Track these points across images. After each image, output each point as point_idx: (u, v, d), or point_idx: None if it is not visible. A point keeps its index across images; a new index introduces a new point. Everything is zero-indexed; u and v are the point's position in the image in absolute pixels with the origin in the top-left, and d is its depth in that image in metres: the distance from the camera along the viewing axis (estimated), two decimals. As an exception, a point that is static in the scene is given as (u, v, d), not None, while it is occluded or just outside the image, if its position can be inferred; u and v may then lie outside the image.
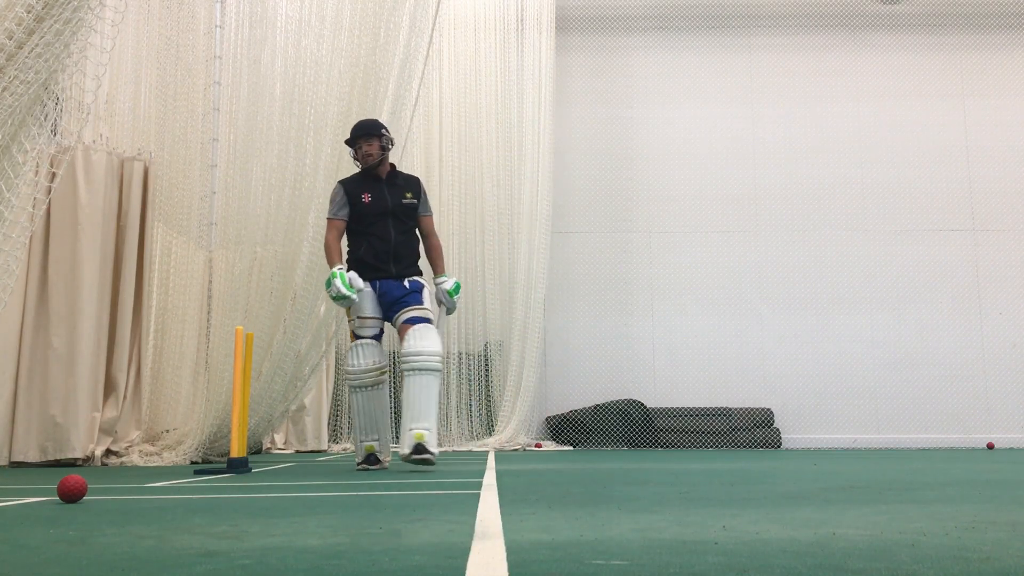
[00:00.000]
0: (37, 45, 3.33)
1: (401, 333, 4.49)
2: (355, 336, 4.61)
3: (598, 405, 8.88)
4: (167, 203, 6.19)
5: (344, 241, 4.81)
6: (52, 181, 4.41)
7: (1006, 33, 9.56)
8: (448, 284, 4.85)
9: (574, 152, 9.50)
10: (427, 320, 4.49)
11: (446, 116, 9.00)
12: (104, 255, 5.78)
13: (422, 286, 4.66)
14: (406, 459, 4.21)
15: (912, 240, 9.37)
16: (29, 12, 3.29)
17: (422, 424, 4.20)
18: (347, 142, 4.84)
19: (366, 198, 4.68)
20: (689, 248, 9.36)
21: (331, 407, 8.33)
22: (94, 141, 5.91)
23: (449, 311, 4.91)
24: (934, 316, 9.21)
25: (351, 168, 6.12)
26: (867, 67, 9.65)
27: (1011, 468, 4.61)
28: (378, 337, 4.63)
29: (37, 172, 4.54)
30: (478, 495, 2.75)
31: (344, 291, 4.42)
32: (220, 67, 6.56)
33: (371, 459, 4.48)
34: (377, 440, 4.48)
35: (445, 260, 5.14)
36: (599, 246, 9.39)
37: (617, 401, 8.88)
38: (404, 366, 4.33)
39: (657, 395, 9.01)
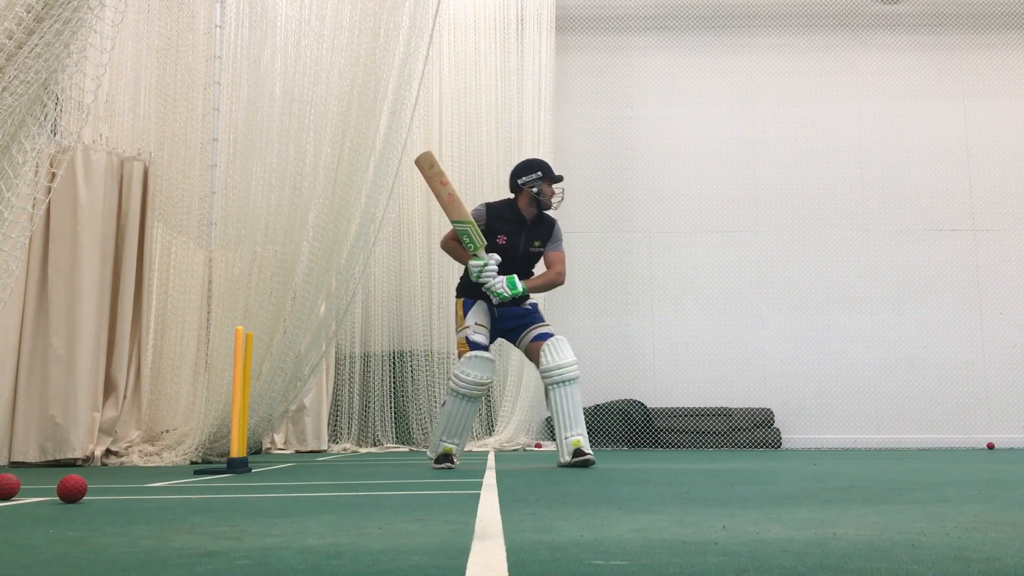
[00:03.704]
0: (37, 45, 3.33)
1: (534, 350, 4.67)
2: (470, 342, 4.60)
3: (598, 405, 8.88)
4: (167, 203, 6.19)
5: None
6: (52, 181, 4.41)
7: (1006, 33, 9.55)
8: (518, 284, 4.54)
9: (574, 152, 9.50)
10: (554, 334, 4.68)
11: (446, 116, 9.00)
12: (104, 255, 5.78)
13: (536, 304, 4.83)
14: (568, 464, 4.46)
15: (912, 240, 9.36)
16: (29, 12, 3.29)
17: (576, 431, 4.49)
18: (534, 177, 4.71)
19: (501, 239, 4.67)
20: (689, 248, 9.35)
21: (331, 407, 8.33)
22: (94, 141, 5.91)
23: (494, 292, 4.56)
24: (934, 316, 9.20)
25: (352, 168, 6.12)
26: (867, 67, 9.65)
27: (1011, 468, 4.61)
28: (488, 348, 4.69)
29: (37, 172, 4.55)
30: (478, 495, 2.75)
31: (507, 292, 4.50)
32: (220, 67, 6.56)
33: (446, 458, 4.59)
34: (457, 444, 4.64)
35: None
36: (599, 246, 9.38)
37: (617, 401, 8.88)
38: (547, 381, 4.57)
39: (657, 395, 9.01)
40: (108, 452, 5.60)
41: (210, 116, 6.48)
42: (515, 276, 4.59)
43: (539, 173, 4.72)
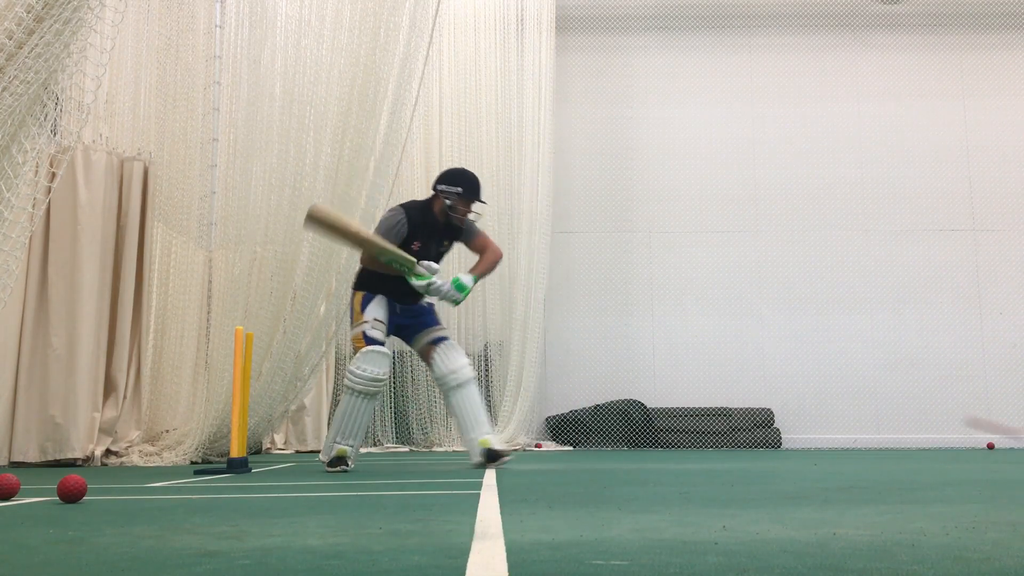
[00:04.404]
0: (37, 45, 3.33)
1: (427, 353, 4.66)
2: (367, 337, 4.48)
3: (598, 405, 8.87)
4: (167, 203, 6.18)
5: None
6: (52, 181, 4.41)
7: (1006, 33, 9.55)
8: (465, 282, 4.52)
9: (574, 152, 9.50)
10: (447, 337, 4.68)
11: (446, 116, 8.99)
12: (104, 255, 5.78)
13: (432, 304, 4.79)
14: (481, 466, 4.46)
15: (912, 240, 9.36)
16: (29, 12, 3.29)
17: (482, 431, 4.53)
18: (453, 190, 4.56)
19: (416, 246, 4.58)
20: (689, 248, 9.36)
21: (331, 407, 8.32)
22: (94, 141, 5.91)
23: (451, 301, 4.56)
24: (934, 316, 9.20)
25: (351, 169, 6.11)
26: (867, 67, 9.65)
27: (1011, 468, 4.61)
28: (384, 343, 4.60)
29: (37, 172, 4.54)
30: (478, 495, 2.75)
31: (460, 296, 4.47)
32: (220, 67, 6.56)
33: (340, 461, 4.44)
34: (352, 447, 4.46)
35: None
36: (599, 246, 9.38)
37: (617, 401, 8.88)
38: (444, 386, 4.59)
39: (657, 395, 9.01)
40: (108, 452, 5.60)
41: (210, 116, 6.47)
42: (459, 277, 4.52)
43: (459, 189, 4.58)
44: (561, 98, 9.37)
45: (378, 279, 4.59)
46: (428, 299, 4.66)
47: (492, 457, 4.45)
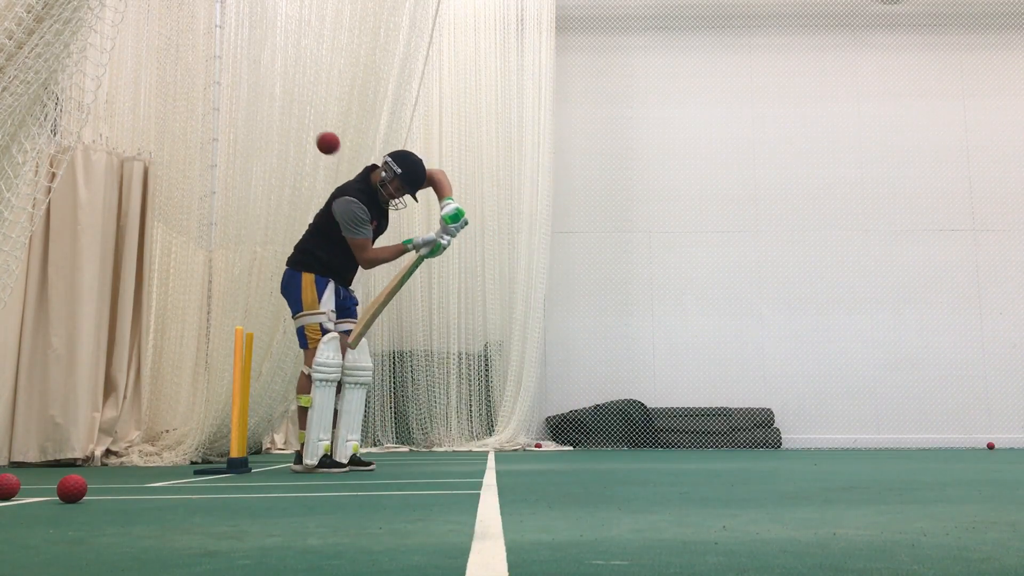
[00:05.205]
0: (37, 45, 3.33)
1: (342, 343, 4.58)
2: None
3: (598, 405, 8.88)
4: (167, 203, 6.18)
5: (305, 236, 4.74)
6: (52, 181, 4.41)
7: (1006, 33, 9.55)
8: (450, 209, 4.40)
9: (574, 152, 9.50)
10: None
11: (446, 116, 9.00)
12: (104, 255, 5.78)
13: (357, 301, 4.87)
14: (329, 466, 4.40)
15: (912, 240, 9.37)
16: (29, 12, 3.29)
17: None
18: (394, 169, 4.50)
19: (373, 224, 4.64)
20: (689, 248, 9.36)
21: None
22: (94, 141, 5.91)
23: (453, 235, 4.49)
24: (934, 316, 9.20)
25: (352, 168, 6.11)
26: (867, 67, 9.65)
27: (1011, 468, 4.61)
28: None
29: (37, 172, 4.54)
30: (478, 495, 2.75)
31: (458, 223, 4.40)
32: (220, 67, 6.56)
33: (358, 461, 4.56)
34: (358, 440, 4.65)
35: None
36: (599, 246, 9.38)
37: (617, 401, 8.88)
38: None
39: (657, 395, 9.01)
40: (108, 452, 5.60)
41: (210, 116, 6.47)
42: (445, 212, 4.39)
43: (399, 171, 4.49)
44: (561, 98, 9.38)
45: (327, 260, 4.56)
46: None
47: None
